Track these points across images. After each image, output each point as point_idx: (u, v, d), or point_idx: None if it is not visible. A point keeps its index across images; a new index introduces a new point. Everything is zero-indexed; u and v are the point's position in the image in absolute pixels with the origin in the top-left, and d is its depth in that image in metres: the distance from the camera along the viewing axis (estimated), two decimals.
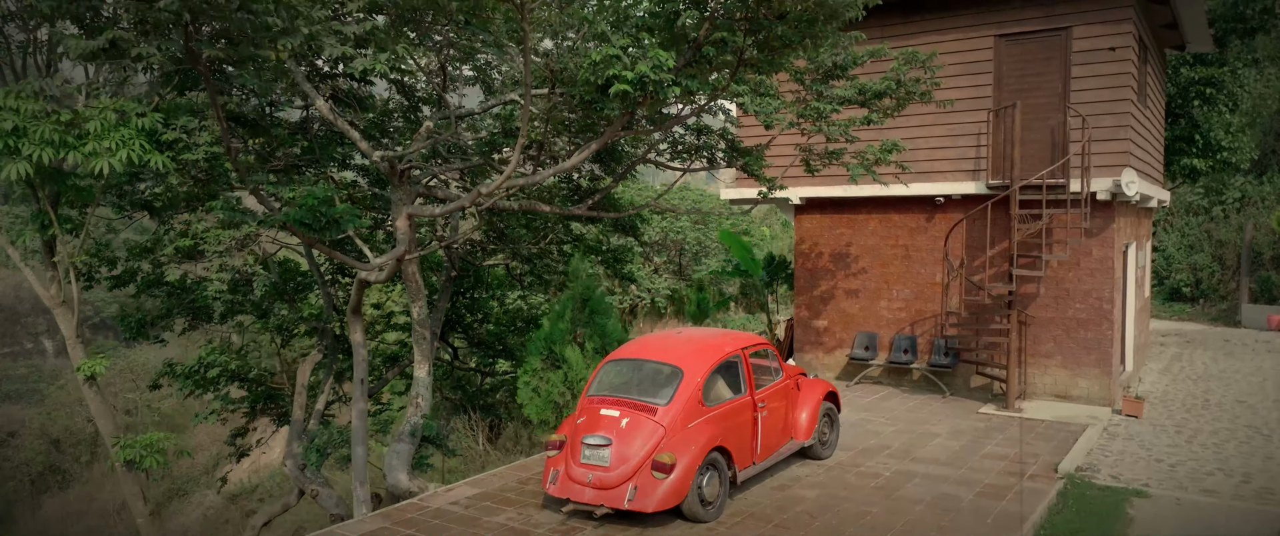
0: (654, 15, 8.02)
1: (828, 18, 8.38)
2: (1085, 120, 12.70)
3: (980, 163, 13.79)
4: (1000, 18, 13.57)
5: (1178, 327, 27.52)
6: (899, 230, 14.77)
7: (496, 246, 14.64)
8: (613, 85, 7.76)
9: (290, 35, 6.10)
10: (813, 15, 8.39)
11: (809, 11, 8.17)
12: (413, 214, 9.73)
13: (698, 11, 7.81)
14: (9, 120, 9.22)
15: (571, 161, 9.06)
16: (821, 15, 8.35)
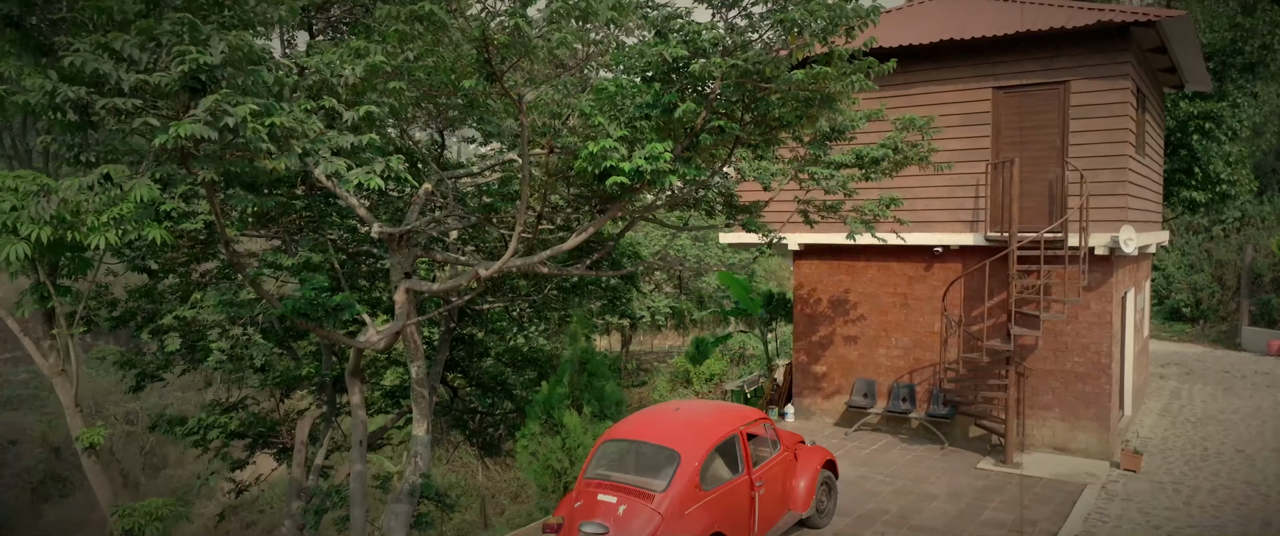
0: (650, 106, 8.02)
1: (824, 101, 8.39)
2: (1083, 176, 12.70)
3: (979, 214, 13.80)
4: (998, 70, 13.57)
5: (1177, 350, 27.53)
6: (897, 278, 14.77)
7: (495, 297, 14.66)
8: (610, 176, 7.76)
9: (286, 155, 6.11)
10: (809, 97, 8.40)
11: (805, 94, 8.18)
12: (411, 288, 9.74)
13: (695, 105, 7.81)
14: (8, 200, 9.21)
15: (569, 243, 9.07)
16: (818, 98, 8.36)
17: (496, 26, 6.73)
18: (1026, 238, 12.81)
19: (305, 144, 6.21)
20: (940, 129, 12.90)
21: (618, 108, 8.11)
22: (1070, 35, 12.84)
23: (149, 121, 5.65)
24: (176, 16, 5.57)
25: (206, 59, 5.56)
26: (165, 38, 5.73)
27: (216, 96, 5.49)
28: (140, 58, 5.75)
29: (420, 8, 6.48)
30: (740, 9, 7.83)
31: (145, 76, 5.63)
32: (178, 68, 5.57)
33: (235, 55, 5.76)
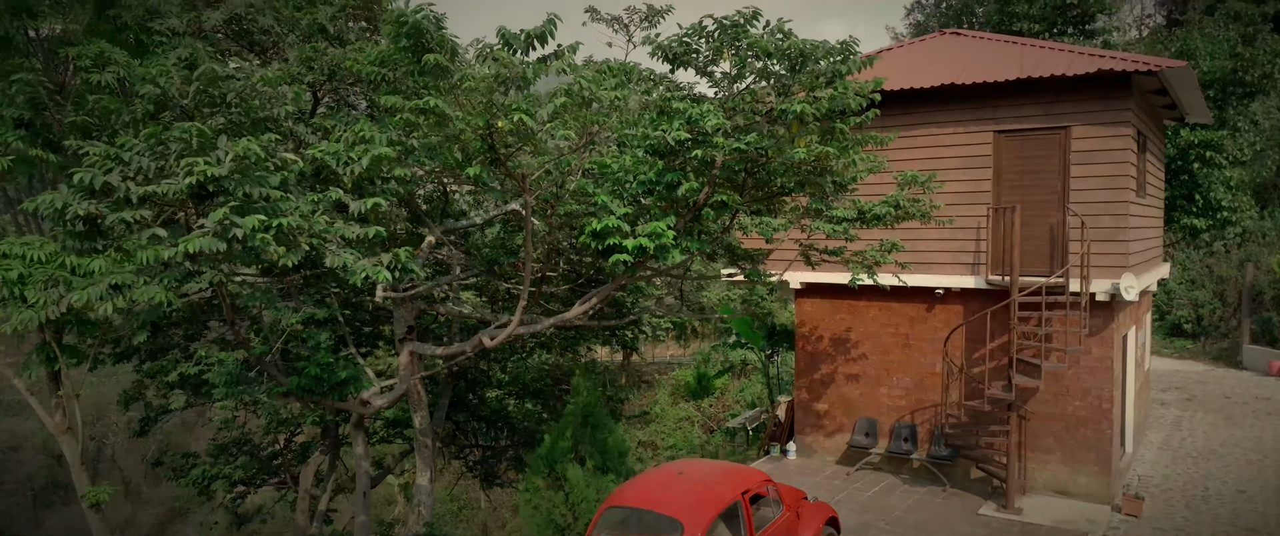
0: (654, 182, 8.07)
1: (821, 171, 8.43)
2: (1084, 223, 12.73)
3: (980, 256, 13.83)
4: (999, 114, 13.60)
5: (1179, 368, 27.55)
6: (899, 318, 14.81)
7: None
8: (613, 254, 7.81)
9: (294, 252, 6.15)
10: (812, 169, 8.44)
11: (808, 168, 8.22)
12: (415, 351, 9.79)
13: (697, 184, 7.85)
14: (14, 268, 9.27)
15: (573, 313, 9.12)
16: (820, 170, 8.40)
17: (499, 115, 6.78)
18: (1027, 285, 12.85)
19: (312, 239, 6.26)
20: (942, 184, 12.94)
21: (621, 184, 8.15)
22: (1071, 81, 12.87)
23: (157, 233, 5.70)
24: (184, 127, 5.61)
25: (214, 170, 5.61)
26: (173, 143, 5.78)
27: (223, 210, 5.54)
28: (148, 165, 5.79)
29: (425, 102, 6.54)
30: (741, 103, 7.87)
31: (153, 188, 5.67)
32: (185, 180, 5.62)
33: (242, 163, 5.81)
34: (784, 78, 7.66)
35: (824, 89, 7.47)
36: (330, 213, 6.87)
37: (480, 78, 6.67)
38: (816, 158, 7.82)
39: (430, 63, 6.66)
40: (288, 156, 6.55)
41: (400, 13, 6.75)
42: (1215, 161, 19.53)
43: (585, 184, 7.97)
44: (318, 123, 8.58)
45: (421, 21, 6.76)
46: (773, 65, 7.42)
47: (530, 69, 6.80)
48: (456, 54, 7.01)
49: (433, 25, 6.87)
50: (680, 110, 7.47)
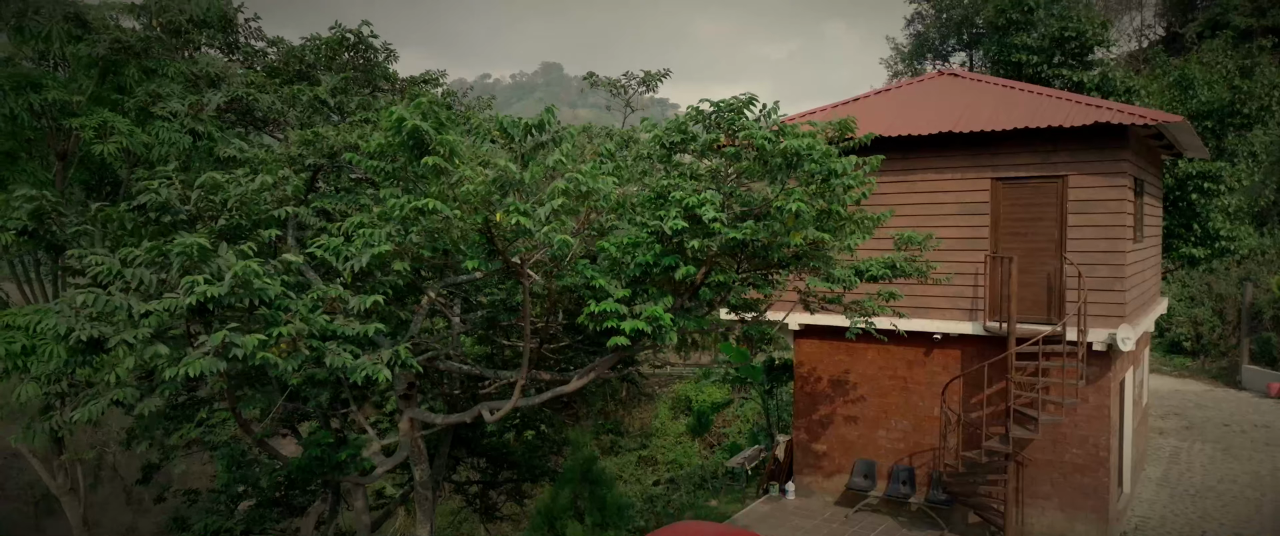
0: (651, 265, 8.13)
1: (817, 250, 8.48)
2: (1082, 274, 12.79)
3: (977, 302, 13.89)
4: (997, 161, 13.65)
5: (1178, 388, 27.59)
6: (897, 362, 14.87)
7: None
8: (612, 337, 7.86)
9: (293, 358, 6.23)
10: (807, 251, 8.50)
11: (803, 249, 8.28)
12: (416, 418, 9.85)
13: (694, 267, 7.92)
14: (18, 341, 9.32)
15: (572, 386, 9.19)
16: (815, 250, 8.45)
17: (497, 208, 6.84)
18: (1025, 334, 12.90)
19: (313, 343, 6.32)
20: (939, 242, 12.99)
21: (619, 264, 8.22)
22: (1069, 131, 12.92)
23: (159, 351, 5.76)
24: (185, 243, 5.68)
25: (215, 291, 5.67)
26: (174, 256, 5.85)
27: (224, 333, 5.61)
28: (149, 279, 5.86)
29: (424, 203, 6.60)
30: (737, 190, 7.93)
31: (155, 306, 5.74)
32: (186, 299, 5.68)
33: (243, 281, 5.87)
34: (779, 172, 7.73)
35: (819, 185, 7.53)
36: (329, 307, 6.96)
37: (479, 183, 6.72)
38: (813, 242, 7.88)
39: (429, 165, 6.72)
40: (289, 258, 6.61)
41: (399, 117, 6.80)
42: (1213, 191, 19.58)
43: (583, 266, 8.03)
44: (318, 203, 8.65)
45: (420, 128, 6.82)
46: (769, 159, 7.49)
47: (529, 173, 6.86)
48: (456, 154, 7.07)
49: (433, 129, 6.93)
50: (677, 199, 7.53)
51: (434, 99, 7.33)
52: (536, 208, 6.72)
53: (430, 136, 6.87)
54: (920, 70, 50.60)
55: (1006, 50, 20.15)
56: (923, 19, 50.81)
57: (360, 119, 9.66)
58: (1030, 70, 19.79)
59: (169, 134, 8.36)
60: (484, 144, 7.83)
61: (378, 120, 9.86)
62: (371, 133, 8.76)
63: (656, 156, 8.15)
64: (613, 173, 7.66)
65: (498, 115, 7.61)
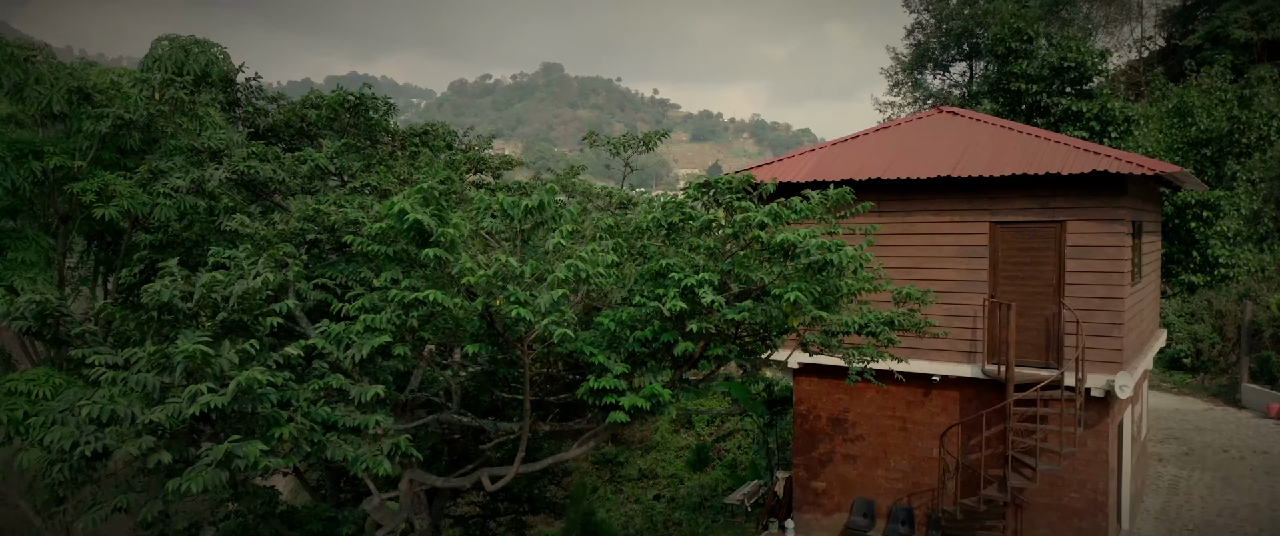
0: (650, 341, 8.18)
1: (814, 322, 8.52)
2: (1079, 321, 12.83)
3: (976, 344, 13.93)
4: (996, 205, 13.69)
5: (1178, 406, 27.60)
6: (896, 402, 14.92)
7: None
8: (610, 413, 7.91)
9: (294, 455, 6.29)
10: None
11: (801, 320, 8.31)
12: (415, 480, 9.90)
13: (692, 344, 7.97)
14: (20, 407, 9.38)
15: (572, 453, 9.24)
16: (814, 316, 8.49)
17: (498, 295, 6.89)
18: (1023, 379, 12.95)
19: (315, 436, 6.38)
20: (936, 297, 13.01)
21: (618, 339, 8.26)
22: (1068, 177, 12.95)
23: (161, 458, 5.82)
24: (187, 350, 5.73)
25: (218, 401, 5.73)
26: (177, 359, 5.90)
27: (227, 445, 5.67)
28: (152, 385, 5.91)
29: (425, 295, 6.65)
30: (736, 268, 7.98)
31: (157, 416, 5.79)
32: (189, 409, 5.74)
33: (246, 390, 5.93)
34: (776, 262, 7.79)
35: (817, 277, 7.58)
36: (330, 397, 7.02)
37: (480, 276, 6.77)
38: (812, 317, 7.93)
39: (430, 257, 6.78)
40: (290, 351, 6.67)
41: (401, 209, 6.86)
42: (1212, 221, 19.63)
43: (583, 340, 8.07)
44: (321, 278, 8.68)
45: (423, 220, 6.88)
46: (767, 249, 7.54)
47: (529, 268, 6.91)
48: (456, 246, 7.11)
49: (433, 221, 6.98)
50: (676, 279, 7.58)
51: (431, 188, 7.37)
52: (536, 296, 6.78)
53: (432, 228, 6.92)
54: (921, 81, 50.64)
55: (1006, 78, 20.17)
56: (923, 29, 50.83)
57: (362, 185, 9.71)
58: (1030, 98, 19.82)
59: (168, 211, 8.42)
60: (484, 219, 7.88)
61: (378, 183, 9.92)
62: (373, 203, 8.81)
63: (658, 235, 8.19)
64: (612, 250, 7.71)
65: (500, 197, 7.66)
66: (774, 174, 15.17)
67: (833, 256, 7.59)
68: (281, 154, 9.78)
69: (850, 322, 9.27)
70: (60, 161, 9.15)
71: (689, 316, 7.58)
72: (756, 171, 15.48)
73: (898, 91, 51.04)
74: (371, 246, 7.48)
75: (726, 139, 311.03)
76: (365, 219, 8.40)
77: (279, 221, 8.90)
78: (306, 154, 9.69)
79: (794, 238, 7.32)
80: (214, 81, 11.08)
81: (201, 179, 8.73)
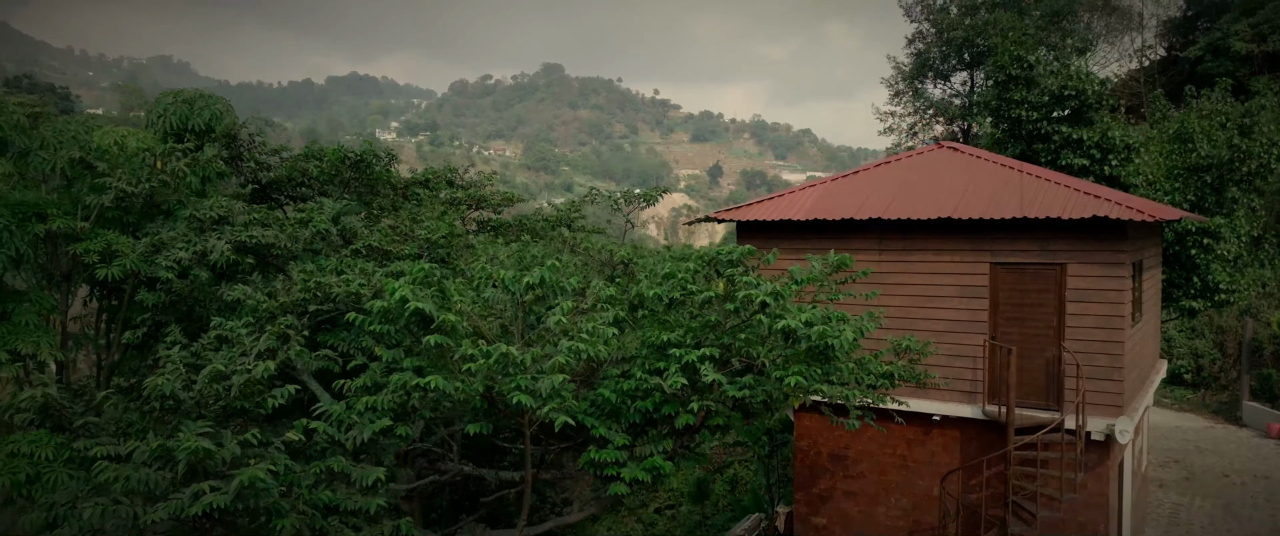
0: (651, 412, 8.21)
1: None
2: (1080, 366, 12.85)
3: (976, 384, 13.95)
4: (997, 246, 13.71)
5: (1179, 424, 27.63)
6: (897, 440, 14.94)
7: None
8: (611, 484, 7.95)
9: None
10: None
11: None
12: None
13: (692, 417, 8.01)
14: (22, 470, 9.41)
15: (571, 518, 9.29)
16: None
17: (498, 380, 6.94)
18: (1024, 420, 12.97)
19: (316, 522, 6.42)
20: (936, 350, 13.05)
21: (619, 410, 8.30)
22: (1068, 220, 12.97)
23: None
24: (190, 448, 5.77)
25: (221, 501, 5.77)
26: (180, 454, 5.94)
27: None
28: (155, 480, 5.95)
29: (427, 381, 6.69)
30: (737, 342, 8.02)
31: (161, 515, 5.83)
32: (192, 508, 5.78)
33: (248, 486, 5.97)
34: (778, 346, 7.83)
35: (818, 357, 7.62)
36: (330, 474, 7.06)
37: (480, 365, 6.81)
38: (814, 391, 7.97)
39: (432, 344, 6.83)
40: (291, 436, 6.71)
41: (402, 296, 6.89)
42: (1213, 248, 19.64)
43: (583, 415, 8.11)
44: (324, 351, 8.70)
45: (424, 308, 6.92)
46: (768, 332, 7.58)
47: (529, 355, 6.95)
48: (457, 331, 7.15)
49: (434, 308, 7.02)
50: (677, 356, 7.62)
51: (431, 269, 7.41)
52: (537, 380, 6.82)
53: (433, 314, 6.96)
54: (921, 90, 50.58)
55: (1006, 104, 20.18)
56: (923, 38, 50.79)
57: (363, 245, 9.74)
58: (1030, 125, 19.84)
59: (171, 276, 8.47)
60: (486, 288, 7.92)
61: (380, 243, 9.95)
62: (375, 270, 8.85)
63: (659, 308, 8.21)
64: (612, 322, 7.75)
65: (500, 273, 7.69)
66: (775, 211, 15.20)
67: (834, 341, 7.61)
68: (284, 215, 9.82)
69: (850, 386, 9.30)
70: (64, 224, 9.19)
71: (691, 392, 7.62)
72: (757, 208, 15.51)
73: (898, 101, 50.99)
74: (374, 325, 7.52)
75: (727, 139, 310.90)
76: (367, 291, 8.44)
77: (281, 290, 8.94)
78: (309, 213, 9.73)
79: (795, 324, 7.35)
80: (217, 136, 11.11)
81: (204, 250, 8.77)
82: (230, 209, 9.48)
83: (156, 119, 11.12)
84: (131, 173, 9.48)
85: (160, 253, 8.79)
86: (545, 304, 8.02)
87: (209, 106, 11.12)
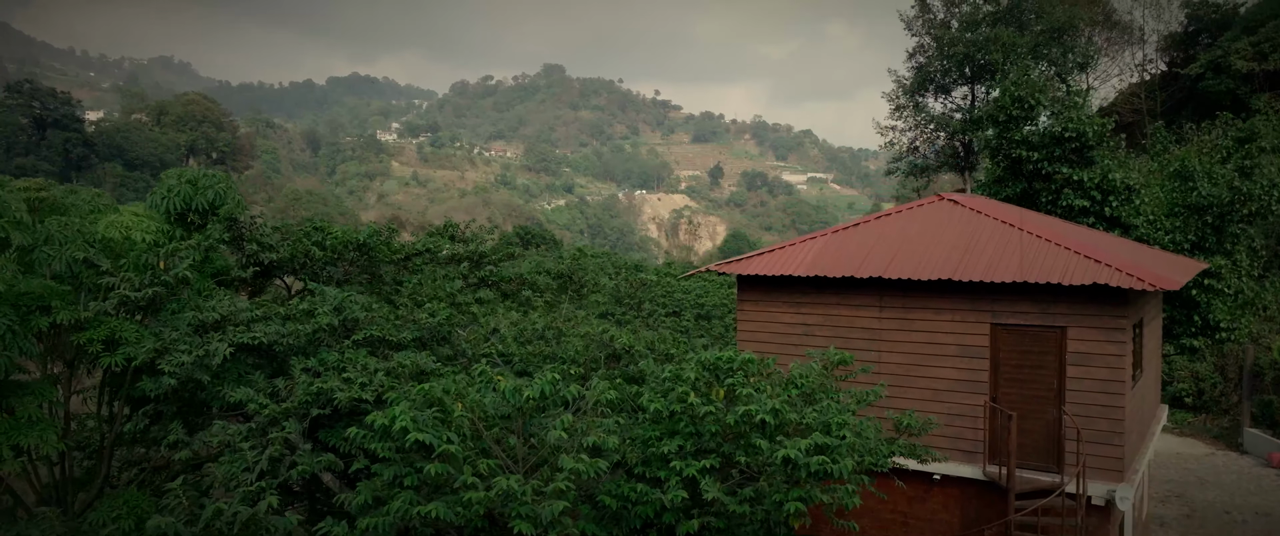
0: (651, 519, 8.24)
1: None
2: (1080, 432, 12.87)
3: (977, 444, 13.98)
4: (997, 307, 13.73)
5: (1180, 450, 27.62)
6: (898, 496, 14.94)
7: None
8: None
9: None
10: None
11: None
12: None
13: (694, 527, 8.03)
14: None
15: None
16: None
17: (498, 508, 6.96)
18: (1024, 484, 13.00)
19: None
20: (936, 424, 13.09)
21: (620, 515, 8.31)
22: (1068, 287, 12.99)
23: None
24: None
25: None
26: None
27: None
28: None
29: (430, 510, 6.72)
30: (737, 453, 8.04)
31: None
32: None
33: None
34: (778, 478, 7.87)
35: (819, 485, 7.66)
36: None
37: (480, 498, 6.84)
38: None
39: (432, 473, 6.86)
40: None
41: (403, 426, 6.93)
42: (1214, 288, 19.69)
43: (584, 518, 8.13)
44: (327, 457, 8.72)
45: (425, 439, 6.96)
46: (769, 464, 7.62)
47: (529, 488, 6.98)
48: (456, 458, 7.19)
49: (436, 438, 7.06)
50: (677, 468, 7.63)
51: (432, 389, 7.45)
52: (538, 506, 6.84)
53: (434, 444, 7.00)
54: (923, 104, 50.61)
55: (1007, 144, 20.21)
56: (924, 51, 50.83)
57: (365, 336, 9.78)
58: (1030, 166, 19.86)
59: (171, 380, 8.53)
60: (487, 394, 7.96)
61: (382, 334, 9.98)
62: (377, 369, 8.89)
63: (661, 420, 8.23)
64: (613, 431, 7.79)
65: (501, 384, 7.73)
66: (776, 265, 15.22)
67: (835, 468, 7.63)
68: (287, 308, 9.86)
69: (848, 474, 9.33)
70: (68, 316, 9.23)
71: (692, 504, 7.65)
72: (758, 261, 15.53)
73: (899, 115, 51.07)
74: (375, 444, 7.55)
75: (728, 140, 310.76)
76: (369, 395, 8.49)
77: (283, 391, 8.99)
78: (312, 305, 9.77)
79: (795, 455, 7.35)
80: (221, 217, 11.16)
81: (207, 355, 8.82)
82: (232, 309, 9.53)
83: (161, 200, 11.18)
84: (136, 273, 9.52)
85: (163, 357, 8.83)
86: (545, 413, 8.06)
87: (213, 185, 11.17)
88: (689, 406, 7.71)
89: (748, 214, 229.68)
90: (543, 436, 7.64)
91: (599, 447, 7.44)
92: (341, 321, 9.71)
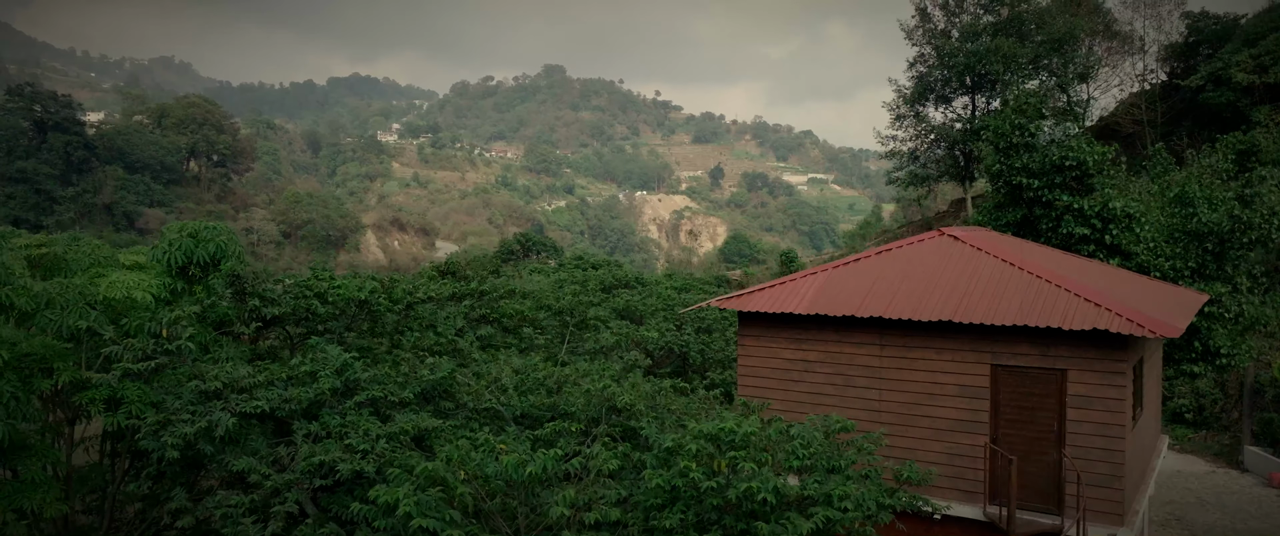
0: None
1: None
2: (1080, 476, 12.89)
3: (977, 484, 14.00)
4: (997, 348, 13.75)
5: (1181, 468, 27.61)
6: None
7: None
8: None
9: None
10: None
11: None
12: None
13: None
14: None
15: None
16: None
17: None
18: (1025, 529, 13.03)
19: None
20: (935, 473, 13.12)
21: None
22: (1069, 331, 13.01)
23: None
24: None
25: None
26: None
27: None
28: None
29: None
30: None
31: None
32: None
33: None
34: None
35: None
36: None
37: None
38: None
39: None
40: None
41: (406, 512, 6.97)
42: (1215, 315, 19.71)
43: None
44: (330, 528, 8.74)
45: (428, 524, 6.99)
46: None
47: None
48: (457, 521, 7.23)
49: (439, 520, 7.09)
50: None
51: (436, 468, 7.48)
52: None
53: (439, 531, 7.04)
54: (923, 113, 50.58)
55: (1009, 171, 20.23)
56: (924, 61, 50.79)
57: (368, 397, 9.81)
58: (1030, 193, 19.88)
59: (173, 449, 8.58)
60: (489, 464, 8.00)
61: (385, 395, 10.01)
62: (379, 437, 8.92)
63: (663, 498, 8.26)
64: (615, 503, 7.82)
65: (505, 458, 7.76)
66: (776, 302, 15.23)
67: (845, 503, 7.69)
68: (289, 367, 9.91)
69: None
70: (70, 376, 9.26)
71: None
72: (759, 298, 15.55)
73: (900, 124, 51.06)
74: (378, 521, 7.60)
75: (728, 140, 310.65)
76: (370, 465, 8.52)
77: (285, 458, 9.02)
78: (315, 367, 9.81)
79: (797, 501, 7.39)
80: (223, 273, 11.21)
81: (210, 425, 8.86)
82: (234, 376, 9.57)
83: (162, 254, 11.22)
84: (139, 340, 9.57)
85: (165, 429, 8.87)
86: (547, 487, 8.10)
87: (213, 238, 11.22)
88: (691, 481, 7.75)
89: (748, 215, 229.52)
90: (546, 510, 7.67)
91: (601, 521, 7.48)
92: (344, 381, 9.76)
